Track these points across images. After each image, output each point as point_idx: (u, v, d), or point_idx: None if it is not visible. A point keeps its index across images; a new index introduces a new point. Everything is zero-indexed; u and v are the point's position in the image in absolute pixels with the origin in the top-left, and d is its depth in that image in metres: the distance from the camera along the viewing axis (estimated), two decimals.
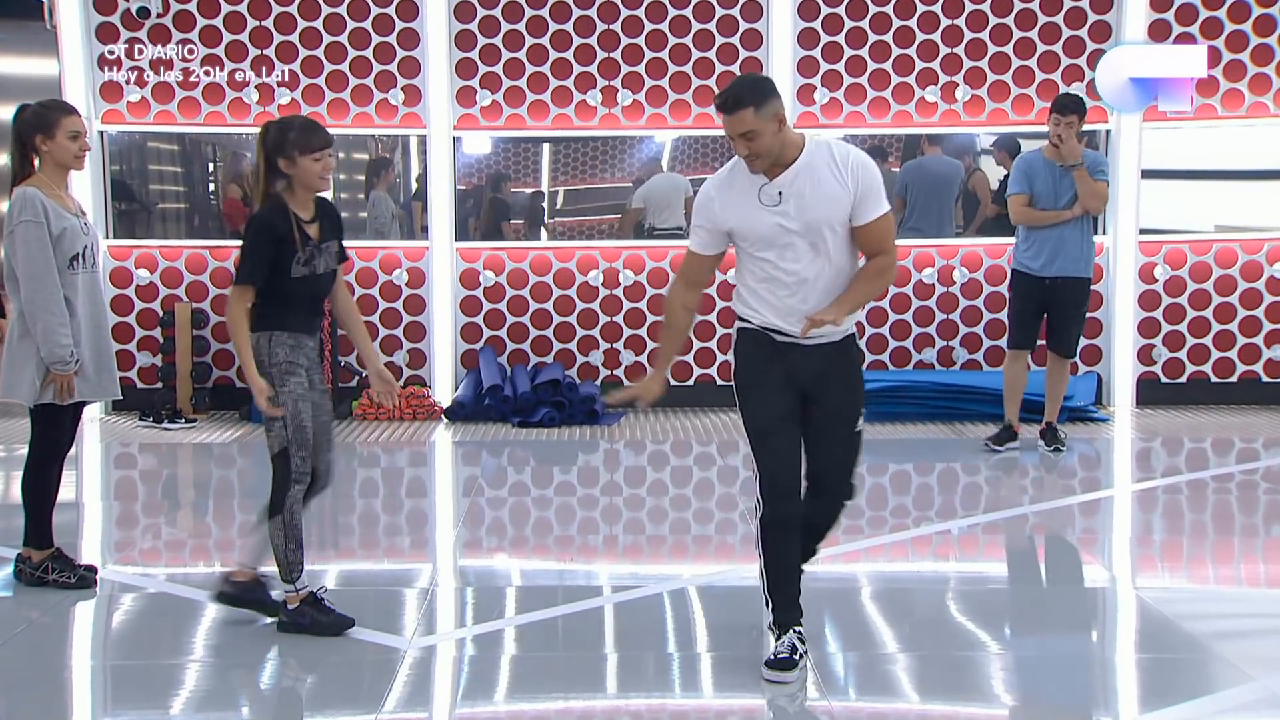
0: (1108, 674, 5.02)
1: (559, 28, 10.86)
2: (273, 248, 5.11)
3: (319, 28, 10.77)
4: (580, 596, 6.01)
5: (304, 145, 5.12)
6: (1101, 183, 8.58)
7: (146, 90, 10.71)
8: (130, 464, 9.35)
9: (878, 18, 10.86)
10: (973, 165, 11.14)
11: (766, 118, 4.61)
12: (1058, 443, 8.99)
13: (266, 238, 5.11)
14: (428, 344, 11.07)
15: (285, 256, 5.12)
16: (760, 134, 4.62)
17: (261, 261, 5.10)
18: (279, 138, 5.13)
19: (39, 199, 5.63)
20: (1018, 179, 8.78)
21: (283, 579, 5.28)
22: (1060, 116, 8.52)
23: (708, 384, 11.17)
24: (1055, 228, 8.60)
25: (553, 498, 8.26)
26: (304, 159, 5.12)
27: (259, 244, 5.11)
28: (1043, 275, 8.67)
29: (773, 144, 4.65)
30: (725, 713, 4.68)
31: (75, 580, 5.95)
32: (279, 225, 5.13)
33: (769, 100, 4.62)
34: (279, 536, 5.21)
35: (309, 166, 5.13)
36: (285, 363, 5.16)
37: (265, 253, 5.10)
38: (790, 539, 4.82)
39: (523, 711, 4.70)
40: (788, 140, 4.69)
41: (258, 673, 5.02)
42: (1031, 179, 8.68)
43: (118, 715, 4.78)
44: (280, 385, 5.14)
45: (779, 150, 4.68)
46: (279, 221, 5.14)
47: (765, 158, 4.68)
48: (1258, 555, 6.94)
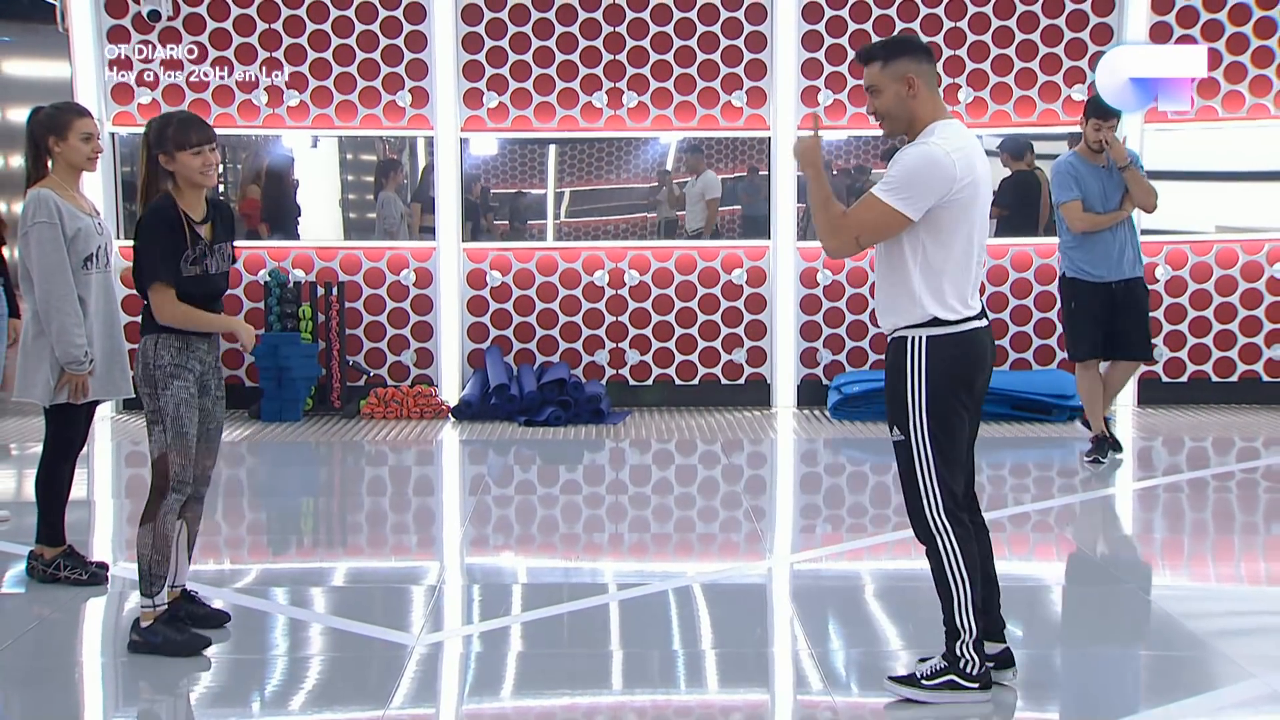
0: (1110, 671, 4.99)
1: (565, 31, 10.95)
2: (170, 240, 4.93)
3: (328, 30, 10.87)
4: (586, 594, 6.00)
5: (181, 141, 4.95)
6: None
7: (157, 92, 10.81)
8: (141, 462, 9.27)
9: (881, 20, 10.95)
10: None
11: (891, 77, 4.40)
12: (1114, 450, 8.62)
13: (163, 230, 4.93)
14: (435, 343, 11.15)
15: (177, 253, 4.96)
16: (881, 92, 4.43)
17: (166, 254, 4.91)
18: (159, 133, 4.97)
19: (53, 200, 5.64)
20: (1066, 184, 8.40)
21: (141, 592, 5.04)
22: (1101, 121, 8.37)
23: (712, 383, 11.25)
24: (1110, 231, 8.32)
25: (558, 496, 8.28)
26: (182, 154, 4.94)
27: (156, 237, 4.94)
28: (1109, 280, 8.33)
29: (895, 106, 4.43)
30: (729, 709, 4.69)
31: (87, 577, 5.96)
32: (170, 219, 4.94)
33: (899, 59, 4.40)
34: (146, 546, 4.99)
35: (188, 161, 4.94)
36: (170, 365, 4.98)
37: (167, 244, 4.92)
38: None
39: (529, 708, 4.69)
40: (917, 113, 4.43)
41: (267, 668, 5.02)
42: (1081, 183, 8.37)
43: (129, 710, 4.79)
44: (163, 389, 4.97)
45: (905, 119, 4.45)
46: (170, 216, 4.95)
47: (888, 120, 4.47)
48: (1258, 553, 6.95)
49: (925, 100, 4.41)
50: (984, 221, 4.46)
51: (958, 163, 4.32)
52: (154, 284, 4.92)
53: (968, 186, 4.34)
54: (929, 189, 4.31)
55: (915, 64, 4.42)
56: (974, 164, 4.35)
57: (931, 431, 4.41)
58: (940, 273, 4.41)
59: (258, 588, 6.14)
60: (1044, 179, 11.06)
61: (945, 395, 4.41)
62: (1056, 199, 8.45)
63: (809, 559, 6.54)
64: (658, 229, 11.29)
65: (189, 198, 5.01)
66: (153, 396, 4.99)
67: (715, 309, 11.16)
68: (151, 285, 4.93)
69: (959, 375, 4.43)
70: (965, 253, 4.43)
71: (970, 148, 4.38)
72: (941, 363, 4.40)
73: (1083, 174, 8.38)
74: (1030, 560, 6.82)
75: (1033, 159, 11.17)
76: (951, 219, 4.38)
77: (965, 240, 4.41)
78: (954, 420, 4.44)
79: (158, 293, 4.92)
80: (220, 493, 8.54)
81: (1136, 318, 8.42)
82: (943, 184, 4.31)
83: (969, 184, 4.34)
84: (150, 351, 4.99)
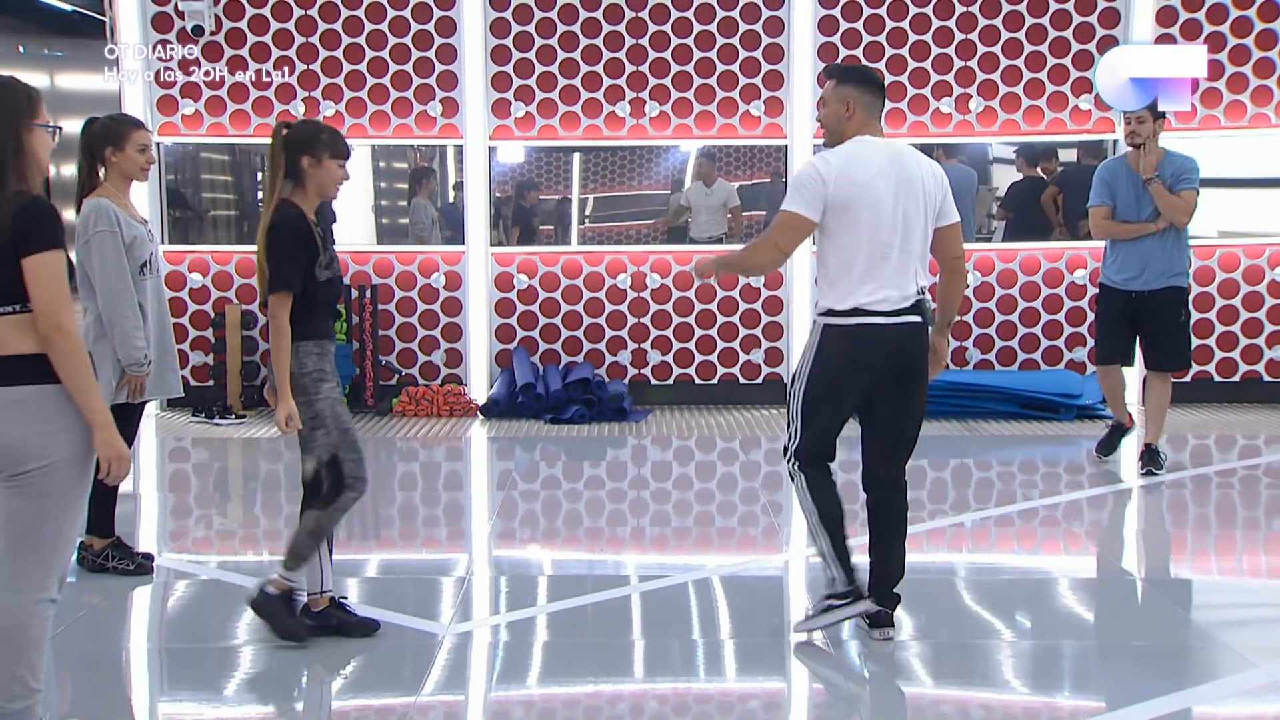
0: (1115, 661, 5.00)
1: (589, 43, 11.12)
2: (303, 251, 4.87)
3: (362, 44, 11.07)
4: (609, 585, 6.02)
5: (336, 150, 4.97)
6: (1187, 192, 7.91)
7: (200, 103, 11.03)
8: (184, 458, 9.45)
9: (894, 32, 11.10)
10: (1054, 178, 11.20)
11: (837, 97, 5.06)
12: (1153, 464, 8.24)
13: (297, 240, 4.87)
14: (464, 344, 11.31)
15: (310, 260, 4.89)
16: (826, 105, 5.11)
17: (296, 264, 4.84)
18: (311, 137, 4.95)
19: (111, 209, 5.70)
20: (1099, 189, 8.17)
21: (285, 565, 5.03)
22: (1130, 113, 8.21)
23: (731, 382, 11.39)
24: (1139, 240, 8.00)
25: (583, 491, 8.35)
26: (331, 163, 4.96)
27: (291, 247, 4.86)
28: (1128, 289, 8.07)
29: (832, 121, 5.09)
30: (747, 696, 4.72)
31: (134, 567, 6.05)
32: (304, 228, 4.90)
33: (847, 84, 5.06)
34: (305, 531, 4.99)
35: (333, 171, 4.96)
36: (315, 370, 4.92)
37: (299, 255, 4.85)
38: None
39: (554, 695, 4.71)
40: (846, 131, 5.05)
41: (303, 656, 5.01)
42: (1113, 189, 8.09)
43: (173, 694, 4.85)
44: (314, 394, 4.92)
45: (837, 133, 5.08)
46: (303, 224, 4.90)
47: (826, 130, 5.14)
48: (1260, 547, 6.97)
49: (856, 122, 5.04)
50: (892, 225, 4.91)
51: (833, 169, 4.93)
52: (280, 291, 4.83)
53: (844, 190, 4.90)
54: (808, 190, 4.95)
55: (859, 92, 5.05)
56: (853, 174, 4.92)
57: (807, 397, 5.04)
58: (832, 269, 5.01)
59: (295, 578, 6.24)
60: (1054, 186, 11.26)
61: (828, 374, 5.01)
62: (1089, 201, 8.29)
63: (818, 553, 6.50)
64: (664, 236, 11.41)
65: (309, 204, 4.97)
66: (308, 404, 4.91)
67: (734, 311, 11.33)
68: (276, 292, 4.83)
69: (847, 360, 4.98)
70: (863, 253, 4.93)
71: (856, 160, 4.95)
72: (830, 346, 5.00)
73: (1119, 180, 8.11)
74: (1037, 554, 6.88)
75: (1053, 166, 11.22)
76: (835, 221, 4.95)
77: (856, 241, 4.93)
78: (831, 394, 5.03)
79: (281, 299, 4.83)
80: (260, 487, 8.70)
81: (1158, 329, 8.10)
82: (817, 186, 4.93)
83: (847, 190, 4.90)
84: (294, 360, 4.90)
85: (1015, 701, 4.72)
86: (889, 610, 5.14)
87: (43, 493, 3.63)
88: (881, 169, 4.94)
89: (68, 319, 3.58)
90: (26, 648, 3.69)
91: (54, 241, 3.60)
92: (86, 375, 3.64)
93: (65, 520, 3.70)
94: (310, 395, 4.92)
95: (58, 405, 3.63)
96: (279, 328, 4.84)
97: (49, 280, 3.57)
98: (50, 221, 3.62)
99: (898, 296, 4.95)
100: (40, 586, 3.69)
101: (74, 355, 3.59)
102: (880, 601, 5.13)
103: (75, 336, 3.59)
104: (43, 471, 3.61)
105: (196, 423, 10.58)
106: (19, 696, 3.71)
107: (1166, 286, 8.04)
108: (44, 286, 3.56)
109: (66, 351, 3.58)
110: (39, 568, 3.68)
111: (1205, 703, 4.59)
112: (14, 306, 3.61)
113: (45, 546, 3.67)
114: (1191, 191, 7.94)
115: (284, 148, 4.93)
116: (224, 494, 8.62)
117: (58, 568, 3.74)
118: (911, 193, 4.96)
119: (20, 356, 3.61)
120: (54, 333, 3.57)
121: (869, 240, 4.92)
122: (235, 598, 5.78)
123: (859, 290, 4.94)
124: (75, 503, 3.73)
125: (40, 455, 3.61)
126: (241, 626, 5.41)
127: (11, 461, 3.61)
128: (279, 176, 4.93)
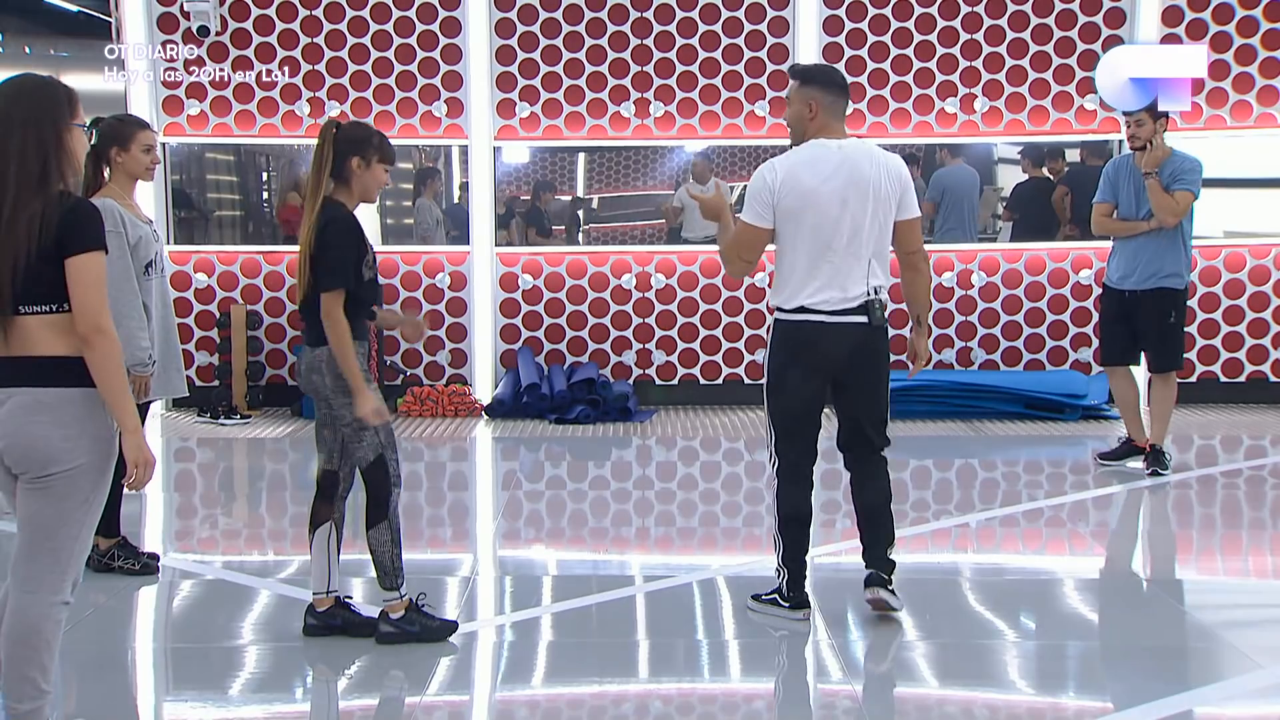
0: (1120, 662, 5.01)
1: (594, 44, 11.15)
2: (355, 249, 4.85)
3: (367, 44, 11.11)
4: (613, 586, 6.05)
5: (385, 154, 4.98)
6: (1181, 193, 7.85)
7: (205, 104, 11.06)
8: (189, 458, 9.48)
9: (899, 33, 11.11)
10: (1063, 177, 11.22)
11: (800, 97, 5.21)
12: (1159, 465, 8.19)
13: (352, 238, 4.85)
14: (469, 344, 11.33)
15: (359, 260, 4.87)
16: (790, 105, 5.29)
17: (350, 262, 4.81)
18: (362, 139, 4.93)
19: (116, 209, 5.66)
20: (1103, 186, 8.22)
21: (386, 587, 5.01)
22: (1129, 115, 8.17)
23: (736, 382, 11.41)
24: (1135, 238, 8.01)
25: (587, 491, 8.36)
26: (379, 166, 4.95)
27: (346, 244, 4.83)
28: (1122, 289, 8.11)
29: (794, 120, 5.27)
30: (752, 696, 4.74)
31: (139, 567, 6.06)
32: (356, 226, 4.88)
33: (810, 85, 5.21)
34: (386, 543, 4.95)
35: (379, 175, 4.96)
36: (363, 371, 4.88)
37: (352, 253, 4.82)
38: None
39: (559, 694, 4.73)
40: (807, 132, 5.22)
41: (308, 655, 5.04)
42: (1116, 186, 8.13)
43: (178, 694, 4.83)
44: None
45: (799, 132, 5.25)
46: (354, 222, 4.89)
47: (789, 129, 5.32)
48: (1265, 548, 6.95)
49: (818, 124, 5.20)
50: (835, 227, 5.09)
51: (778, 175, 5.13)
52: (335, 289, 4.79)
53: (789, 196, 5.11)
54: (757, 200, 5.18)
55: (821, 93, 5.20)
56: (800, 180, 5.10)
57: (767, 391, 5.34)
58: (782, 270, 5.24)
59: (300, 578, 6.09)
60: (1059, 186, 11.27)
61: (779, 366, 5.27)
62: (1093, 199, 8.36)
63: (828, 552, 6.48)
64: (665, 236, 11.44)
65: (351, 205, 4.95)
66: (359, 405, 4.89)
67: (738, 311, 11.34)
68: (332, 290, 4.79)
69: (792, 353, 5.22)
70: (805, 254, 5.13)
71: (805, 166, 5.12)
72: (777, 340, 5.28)
73: (1121, 177, 8.13)
74: (1043, 554, 6.91)
75: (1059, 166, 11.23)
76: (783, 225, 5.16)
77: (801, 244, 5.13)
78: (787, 385, 5.26)
79: (335, 298, 4.78)
80: (264, 486, 8.73)
81: (1148, 329, 8.07)
82: (765, 195, 5.16)
83: (792, 197, 5.10)
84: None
85: (1020, 702, 4.72)
86: (879, 573, 5.34)
87: (63, 496, 3.67)
88: (830, 174, 5.10)
89: (107, 320, 3.63)
90: (39, 649, 3.71)
91: (97, 243, 3.66)
92: (121, 378, 3.67)
93: (83, 525, 3.73)
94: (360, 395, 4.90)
95: (84, 410, 3.67)
96: (338, 324, 4.79)
97: (91, 281, 3.61)
98: (94, 223, 3.69)
99: (839, 298, 5.13)
100: (55, 589, 3.72)
101: (113, 358, 3.63)
102: (871, 564, 5.37)
103: (114, 338, 3.63)
104: (66, 476, 3.65)
105: (201, 422, 10.62)
106: (28, 698, 3.72)
107: (1157, 288, 8.03)
108: (86, 287, 3.61)
109: (106, 353, 3.62)
110: (54, 570, 3.71)
111: (1210, 704, 4.59)
112: (50, 306, 3.65)
113: (62, 550, 3.70)
114: (1186, 193, 7.89)
115: (333, 146, 4.91)
116: (229, 494, 8.66)
117: (72, 571, 3.76)
118: (861, 195, 5.10)
119: (53, 359, 3.65)
120: (94, 333, 3.60)
121: (812, 242, 5.12)
122: (240, 597, 5.87)
123: (803, 290, 5.15)
124: (93, 508, 3.76)
125: (64, 460, 3.65)
126: (246, 626, 5.43)
127: (37, 464, 3.65)
128: (325, 174, 4.90)
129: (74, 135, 3.74)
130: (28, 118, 3.67)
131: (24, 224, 3.58)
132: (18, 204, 3.61)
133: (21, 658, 3.71)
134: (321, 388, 4.93)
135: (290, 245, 11.23)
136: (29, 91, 3.72)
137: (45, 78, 3.81)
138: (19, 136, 3.65)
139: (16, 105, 3.69)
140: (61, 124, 3.70)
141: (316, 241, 4.83)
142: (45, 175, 3.64)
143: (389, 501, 4.97)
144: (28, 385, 3.64)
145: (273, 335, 11.30)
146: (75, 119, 3.76)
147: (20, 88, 3.74)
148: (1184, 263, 8.08)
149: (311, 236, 4.84)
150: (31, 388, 3.64)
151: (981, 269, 11.29)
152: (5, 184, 3.62)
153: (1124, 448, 8.51)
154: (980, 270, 11.29)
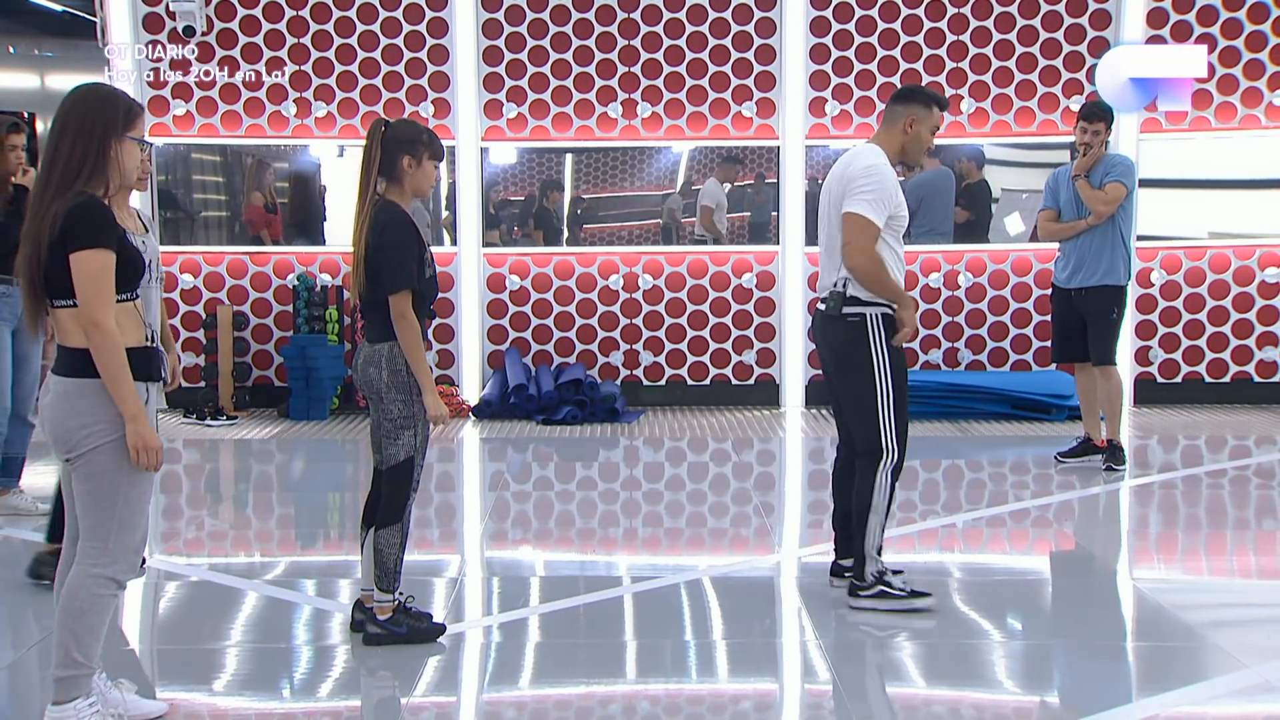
0: (1106, 661, 5.01)
1: (581, 44, 11.16)
2: (415, 247, 4.84)
3: (354, 45, 11.10)
4: (601, 587, 6.03)
5: (436, 152, 4.99)
6: (1112, 185, 8.08)
7: (191, 104, 11.05)
8: (175, 459, 9.39)
9: (886, 34, 11.14)
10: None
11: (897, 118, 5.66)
12: (1113, 461, 8.43)
13: (411, 237, 4.83)
14: (456, 345, 11.35)
15: (419, 259, 4.87)
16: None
17: (413, 261, 4.80)
18: (413, 136, 4.94)
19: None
20: (1045, 194, 8.51)
21: (383, 589, 5.04)
22: (1087, 124, 8.21)
23: (723, 383, 11.44)
24: (1078, 239, 8.23)
25: (575, 492, 8.36)
26: (430, 164, 4.96)
27: (407, 244, 4.81)
28: (1067, 287, 8.34)
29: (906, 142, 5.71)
30: (739, 697, 4.72)
31: None
32: (413, 225, 4.85)
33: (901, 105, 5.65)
34: (395, 545, 4.99)
35: (430, 172, 4.97)
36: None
37: (414, 252, 4.82)
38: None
39: (546, 696, 4.72)
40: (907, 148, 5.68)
41: (294, 656, 5.09)
42: (1056, 193, 8.39)
43: (164, 692, 4.74)
44: (415, 394, 4.92)
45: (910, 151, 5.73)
46: (411, 221, 4.86)
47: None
48: (1250, 547, 6.97)
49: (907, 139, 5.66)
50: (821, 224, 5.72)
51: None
52: (403, 290, 4.80)
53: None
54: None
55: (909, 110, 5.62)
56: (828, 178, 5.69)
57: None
58: None
59: (286, 579, 6.21)
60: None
61: None
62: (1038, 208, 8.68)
63: (816, 553, 6.48)
64: (661, 235, 11.45)
65: (404, 203, 4.94)
66: (407, 402, 4.91)
67: (726, 312, 11.37)
68: (400, 291, 4.80)
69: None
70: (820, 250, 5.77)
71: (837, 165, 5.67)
72: None
73: (1061, 184, 8.40)
74: (1029, 554, 6.94)
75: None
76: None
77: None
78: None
79: (404, 298, 4.81)
80: (251, 488, 8.71)
81: (1094, 324, 8.28)
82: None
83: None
84: (398, 358, 4.89)
85: (1006, 701, 4.74)
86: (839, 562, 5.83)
87: (92, 475, 3.89)
88: (836, 171, 5.64)
89: (104, 315, 3.80)
90: (73, 617, 3.91)
91: (93, 241, 3.81)
92: (120, 369, 3.83)
93: (115, 503, 3.91)
94: (411, 394, 4.93)
95: (94, 399, 3.86)
96: (411, 325, 4.84)
97: (87, 276, 3.80)
98: (94, 221, 3.83)
99: (821, 288, 5.68)
100: (94, 561, 3.92)
101: (110, 351, 3.80)
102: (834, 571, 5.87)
103: (109, 331, 3.80)
104: (85, 458, 3.88)
105: (188, 424, 10.60)
106: (60, 665, 3.94)
107: (1100, 285, 8.26)
108: (81, 282, 3.80)
109: (101, 347, 3.81)
110: (93, 542, 3.94)
111: (1196, 703, 4.61)
112: (71, 300, 3.86)
113: (101, 526, 3.92)
114: (1116, 184, 8.12)
115: (382, 145, 4.92)
116: (215, 495, 8.64)
117: (112, 546, 3.94)
118: (829, 193, 5.60)
119: (74, 349, 3.89)
120: (90, 327, 3.81)
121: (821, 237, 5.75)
122: (226, 598, 5.85)
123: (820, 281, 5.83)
124: (124, 488, 3.92)
125: (81, 444, 3.88)
126: (232, 627, 5.42)
127: (63, 447, 3.93)
128: (374, 173, 4.91)
129: (124, 148, 3.95)
130: (82, 125, 3.88)
131: (47, 222, 3.81)
132: (52, 203, 3.83)
133: (60, 624, 3.94)
134: (377, 381, 4.95)
135: (268, 247, 11.27)
136: (88, 99, 3.95)
137: (111, 89, 4.07)
138: (70, 140, 3.87)
139: (75, 111, 3.91)
140: (112, 135, 3.91)
141: (376, 244, 4.84)
142: (78, 179, 3.85)
143: (405, 505, 5.02)
144: (59, 374, 3.92)
145: (259, 336, 11.28)
146: (131, 131, 3.97)
147: (83, 95, 3.97)
148: (1124, 260, 8.29)
149: (367, 236, 4.86)
150: (62, 376, 3.91)
151: (968, 270, 11.33)
152: (49, 184, 3.85)
153: (1082, 445, 8.68)
154: (966, 271, 11.32)
